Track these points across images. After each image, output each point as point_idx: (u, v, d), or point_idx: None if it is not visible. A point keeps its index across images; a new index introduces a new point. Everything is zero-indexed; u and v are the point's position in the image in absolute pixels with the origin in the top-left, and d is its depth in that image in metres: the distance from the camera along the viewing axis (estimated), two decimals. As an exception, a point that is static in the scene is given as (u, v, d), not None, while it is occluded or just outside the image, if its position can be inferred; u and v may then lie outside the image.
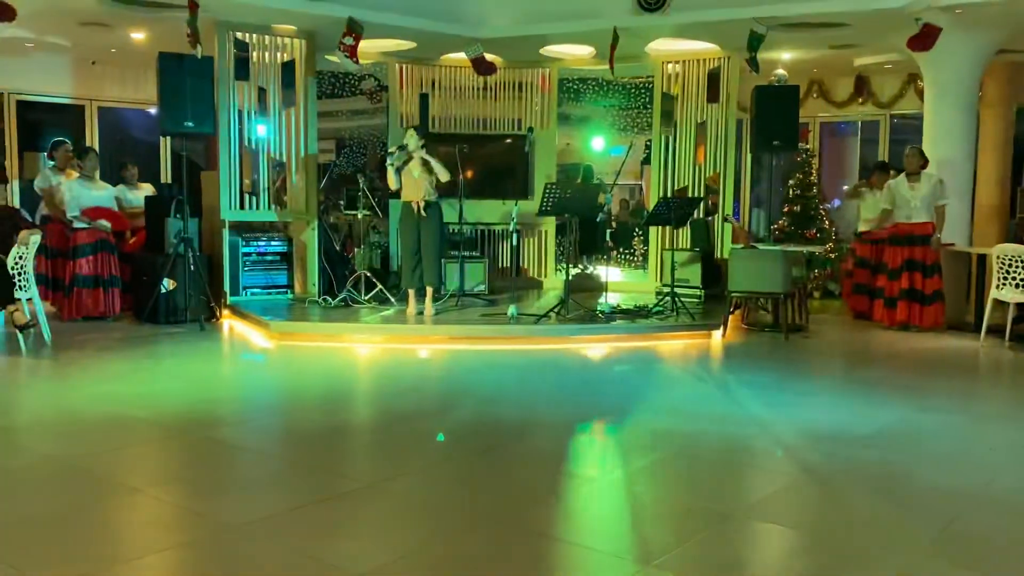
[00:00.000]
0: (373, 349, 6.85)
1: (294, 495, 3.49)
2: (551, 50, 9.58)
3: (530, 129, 9.84)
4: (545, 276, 10.28)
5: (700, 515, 3.33)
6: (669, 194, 9.51)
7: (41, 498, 3.44)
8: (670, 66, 9.73)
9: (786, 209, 10.56)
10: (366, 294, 8.13)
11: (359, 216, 8.45)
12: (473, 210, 9.29)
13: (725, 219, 9.34)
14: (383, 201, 9.30)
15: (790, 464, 4.01)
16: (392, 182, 7.41)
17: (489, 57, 9.21)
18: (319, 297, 8.36)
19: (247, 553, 2.91)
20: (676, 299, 7.75)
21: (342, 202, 9.69)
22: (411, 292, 7.56)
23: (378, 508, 3.39)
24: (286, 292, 8.67)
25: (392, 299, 8.07)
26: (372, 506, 3.40)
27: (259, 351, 6.85)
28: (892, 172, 8.37)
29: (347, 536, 3.11)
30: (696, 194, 9.43)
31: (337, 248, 9.63)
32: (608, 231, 9.14)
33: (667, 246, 9.41)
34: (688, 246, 9.24)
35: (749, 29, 7.92)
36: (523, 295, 9.19)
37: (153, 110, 11.89)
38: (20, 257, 6.41)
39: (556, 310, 7.38)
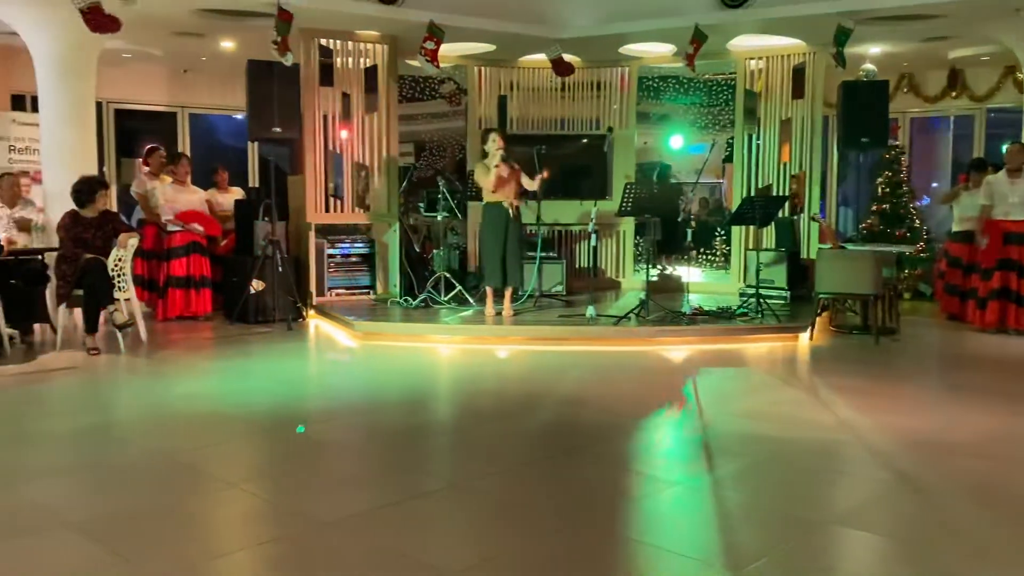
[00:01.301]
0: (453, 349, 6.93)
1: (382, 493, 3.55)
2: (630, 49, 9.52)
3: (610, 129, 9.78)
4: (623, 277, 10.21)
5: (790, 522, 3.25)
6: (752, 193, 9.33)
7: (145, 491, 3.58)
8: (752, 62, 9.54)
9: (875, 208, 10.24)
10: (445, 295, 8.23)
11: (438, 218, 8.56)
12: (550, 210, 9.29)
13: (812, 218, 9.10)
14: (462, 203, 9.39)
15: (883, 471, 3.89)
16: (490, 183, 7.42)
17: (567, 58, 9.21)
18: (400, 298, 8.50)
19: (338, 549, 2.97)
20: (761, 300, 7.60)
21: (421, 204, 9.83)
22: (490, 292, 7.61)
23: (463, 508, 3.42)
24: (368, 293, 8.85)
25: (471, 300, 8.14)
26: (457, 505, 3.44)
27: (344, 350, 7.00)
28: (990, 168, 8.03)
29: (434, 535, 3.15)
30: (780, 193, 9.22)
31: (417, 249, 9.77)
32: (688, 231, 9.03)
33: (750, 246, 9.24)
34: (772, 246, 9.05)
35: (836, 24, 7.71)
36: (601, 296, 9.15)
37: (240, 116, 12.29)
38: (119, 259, 6.70)
39: (636, 311, 7.33)
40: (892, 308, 7.84)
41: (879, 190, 10.24)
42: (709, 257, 10.99)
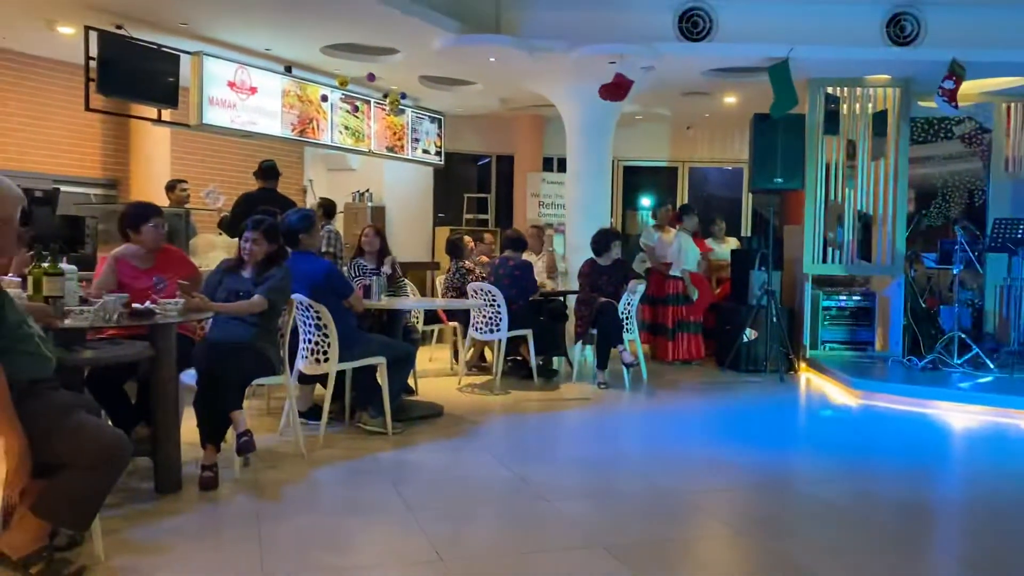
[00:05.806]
0: (968, 420, 6.17)
1: (892, 570, 3.30)
2: None
3: None
4: None
5: None
6: None
7: (658, 522, 3.80)
8: None
9: None
10: (958, 357, 7.38)
11: (954, 271, 7.76)
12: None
13: None
14: (981, 255, 8.38)
15: None
16: None
17: None
18: (903, 357, 7.86)
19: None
20: None
21: (931, 255, 9.00)
22: None
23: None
24: (866, 349, 8.35)
25: (991, 365, 7.18)
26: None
27: (839, 409, 6.69)
28: None
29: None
30: None
31: (923, 304, 8.96)
32: None
33: None
34: None
35: None
36: None
37: (731, 167, 12.67)
38: (628, 304, 7.32)
39: None
40: None
41: None
42: None
